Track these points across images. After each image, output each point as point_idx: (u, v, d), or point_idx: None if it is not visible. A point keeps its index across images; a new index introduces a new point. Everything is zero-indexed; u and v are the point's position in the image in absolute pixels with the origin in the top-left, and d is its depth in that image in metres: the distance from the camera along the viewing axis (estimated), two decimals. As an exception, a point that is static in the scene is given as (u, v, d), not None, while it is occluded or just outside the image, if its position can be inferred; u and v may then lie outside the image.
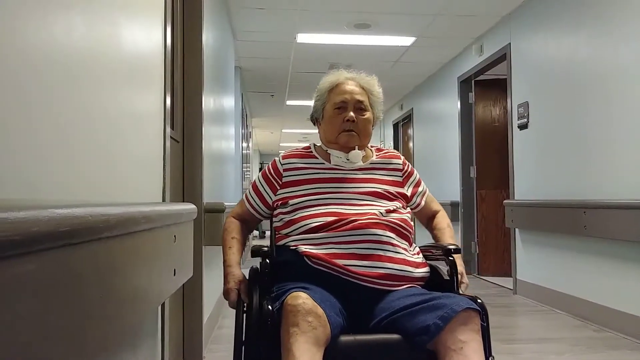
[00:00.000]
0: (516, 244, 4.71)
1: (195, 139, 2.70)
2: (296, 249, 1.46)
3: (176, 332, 2.47)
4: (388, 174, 1.66)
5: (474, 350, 1.19)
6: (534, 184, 4.39)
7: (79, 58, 0.98)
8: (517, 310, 4.15)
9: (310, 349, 1.15)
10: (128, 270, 0.99)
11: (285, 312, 1.21)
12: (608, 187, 3.40)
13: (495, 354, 2.85)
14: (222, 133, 4.17)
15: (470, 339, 1.20)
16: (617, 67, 3.32)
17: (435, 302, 1.26)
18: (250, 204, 1.71)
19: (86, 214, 0.72)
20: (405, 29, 5.19)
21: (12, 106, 0.72)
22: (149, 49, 1.61)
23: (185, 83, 2.71)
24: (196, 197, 2.61)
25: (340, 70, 1.71)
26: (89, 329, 0.76)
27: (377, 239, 1.45)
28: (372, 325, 1.34)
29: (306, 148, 1.73)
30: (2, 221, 0.50)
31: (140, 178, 1.50)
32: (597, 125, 3.53)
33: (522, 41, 4.59)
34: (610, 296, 3.40)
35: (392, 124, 9.25)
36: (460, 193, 5.88)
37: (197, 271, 2.57)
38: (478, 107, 5.84)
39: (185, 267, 1.60)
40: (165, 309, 1.71)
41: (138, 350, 1.43)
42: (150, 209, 1.11)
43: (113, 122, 1.22)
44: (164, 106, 1.82)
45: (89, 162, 1.05)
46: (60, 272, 0.66)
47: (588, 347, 3.02)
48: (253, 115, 10.34)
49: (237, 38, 5.43)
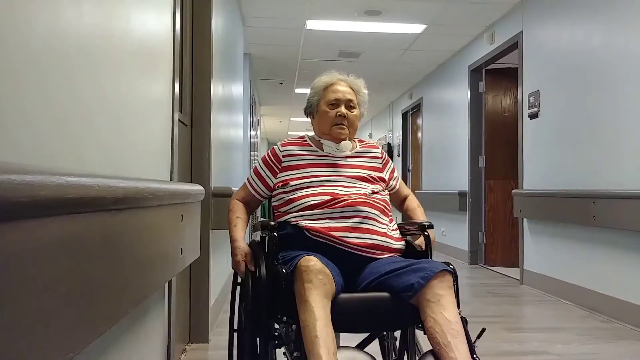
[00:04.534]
0: (524, 234, 4.68)
1: (204, 123, 2.71)
2: (297, 224, 1.68)
3: (183, 314, 2.49)
4: (370, 161, 1.92)
5: (449, 301, 1.45)
6: (543, 174, 4.36)
7: (91, 42, 0.98)
8: (524, 300, 4.14)
9: (322, 300, 1.40)
10: (135, 245, 0.99)
11: (300, 272, 1.43)
12: (618, 177, 3.37)
13: (502, 342, 2.88)
14: (231, 120, 4.17)
15: (446, 293, 1.46)
16: (629, 57, 3.28)
17: (417, 266, 1.52)
18: (252, 186, 1.90)
19: (94, 184, 0.73)
20: (416, 16, 5.15)
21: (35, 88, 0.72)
22: (158, 34, 1.61)
23: (194, 68, 2.71)
24: (204, 181, 2.62)
25: (333, 72, 1.97)
26: (96, 298, 0.77)
27: (365, 214, 1.69)
28: (362, 286, 1.58)
29: (301, 137, 1.98)
30: (9, 182, 0.51)
31: (149, 158, 1.51)
32: (608, 115, 3.49)
33: (534, 29, 4.54)
34: (618, 287, 3.38)
35: (400, 113, 9.20)
36: (469, 183, 5.85)
37: (204, 254, 2.59)
38: (488, 97, 5.79)
39: (192, 247, 1.61)
40: (172, 288, 1.72)
41: (145, 326, 1.44)
42: (158, 186, 1.12)
43: (123, 104, 1.22)
44: (172, 90, 1.82)
45: (100, 141, 1.05)
46: (67, 239, 0.67)
47: (595, 337, 3.01)
48: (262, 103, 10.33)
49: (247, 24, 5.42)
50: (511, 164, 5.23)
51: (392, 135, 10.05)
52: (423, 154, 7.84)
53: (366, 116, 12.34)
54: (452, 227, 6.46)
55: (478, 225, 5.80)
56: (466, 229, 5.94)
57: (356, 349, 1.49)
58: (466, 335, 1.42)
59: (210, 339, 2.78)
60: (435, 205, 6.98)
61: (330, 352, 1.32)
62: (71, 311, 0.68)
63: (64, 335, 0.65)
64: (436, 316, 1.42)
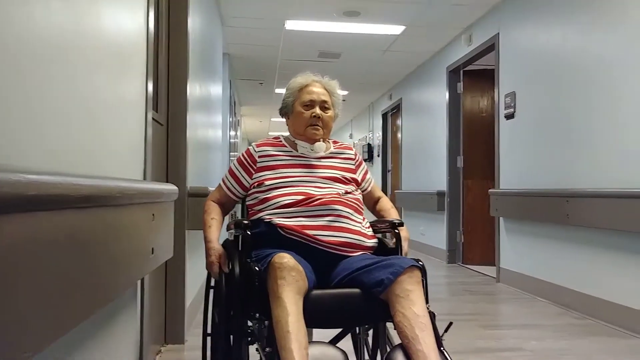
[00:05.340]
0: (500, 233, 4.75)
1: (180, 123, 2.69)
2: (270, 221, 1.69)
3: (158, 315, 2.47)
4: (343, 162, 1.94)
5: (417, 296, 1.49)
6: (519, 174, 4.42)
7: (61, 40, 0.97)
8: (500, 297, 4.19)
9: (295, 296, 1.42)
10: (103, 244, 0.99)
11: (273, 268, 1.45)
12: (591, 177, 3.43)
13: (478, 339, 2.92)
14: (209, 119, 4.15)
15: (414, 288, 1.50)
16: (602, 60, 3.35)
17: (387, 262, 1.56)
18: (228, 187, 1.91)
19: (56, 182, 0.72)
20: (395, 17, 5.18)
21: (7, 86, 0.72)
22: (131, 33, 1.60)
23: (170, 68, 2.69)
24: (180, 181, 2.60)
25: (308, 73, 1.99)
26: (58, 296, 0.76)
27: (338, 213, 1.72)
28: (334, 283, 1.61)
29: (276, 138, 1.99)
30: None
31: (122, 157, 1.50)
32: (582, 115, 3.56)
33: (510, 31, 4.61)
34: (591, 284, 3.45)
35: (380, 114, 9.25)
36: (447, 183, 5.91)
37: (180, 254, 2.57)
38: (466, 98, 5.86)
39: (164, 247, 1.60)
40: (144, 288, 1.71)
41: (116, 327, 1.43)
42: (126, 185, 1.11)
43: (96, 103, 1.21)
44: (145, 88, 1.81)
45: (68, 142, 1.04)
46: (27, 237, 0.66)
47: (569, 333, 3.07)
48: (242, 103, 10.29)
49: (226, 24, 5.40)
50: (489, 163, 5.30)
51: (373, 135, 10.09)
52: (402, 154, 7.89)
53: (347, 117, 12.32)
54: (430, 227, 6.52)
55: (456, 225, 5.86)
56: (444, 229, 6.00)
57: (327, 343, 1.52)
58: (434, 329, 1.46)
59: (187, 339, 2.77)
60: (414, 205, 7.03)
61: (301, 347, 1.34)
62: (30, 309, 0.67)
63: (21, 333, 0.64)
64: (405, 311, 1.45)
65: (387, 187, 9.04)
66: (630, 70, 3.10)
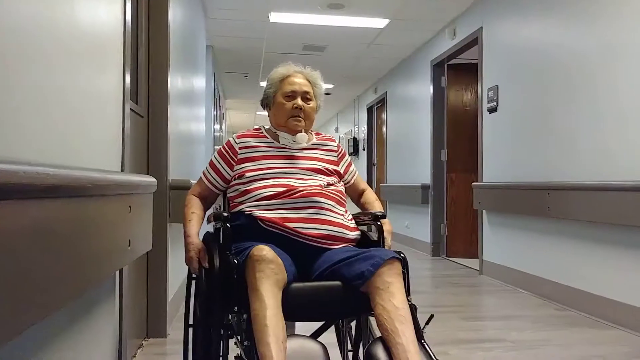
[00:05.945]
0: (483, 226, 4.78)
1: (161, 115, 2.67)
2: (251, 213, 1.67)
3: (139, 309, 2.45)
4: (325, 154, 1.91)
5: (397, 288, 1.48)
6: (502, 167, 4.45)
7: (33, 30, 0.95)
8: (483, 289, 4.23)
9: (273, 289, 1.41)
10: (74, 235, 0.97)
11: (252, 261, 1.43)
12: (571, 170, 3.47)
13: (459, 330, 2.94)
14: (192, 112, 4.11)
15: (394, 280, 1.48)
16: (581, 55, 3.37)
17: (367, 254, 1.54)
18: (209, 180, 1.88)
19: (19, 170, 0.70)
20: (378, 10, 5.17)
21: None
22: (107, 24, 1.58)
23: (151, 59, 2.66)
24: (161, 173, 2.58)
25: (290, 63, 1.95)
26: (24, 289, 0.74)
27: (320, 205, 1.69)
28: (315, 276, 1.60)
29: (257, 129, 1.96)
30: None
31: (101, 149, 1.48)
32: (563, 109, 3.59)
33: (493, 25, 4.62)
34: (572, 276, 3.49)
35: (366, 108, 9.26)
36: (431, 176, 5.93)
37: (161, 247, 2.55)
38: (450, 91, 5.88)
39: (142, 239, 1.59)
40: (123, 281, 1.69)
41: (93, 320, 1.41)
42: (98, 176, 1.09)
43: (74, 95, 1.18)
44: (123, 80, 1.78)
45: (44, 134, 1.02)
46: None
47: (549, 324, 3.10)
48: (227, 96, 10.22)
49: (209, 16, 5.34)
50: (472, 157, 5.32)
51: (358, 129, 10.10)
52: (387, 148, 7.91)
53: (333, 110, 12.28)
54: (415, 220, 6.55)
55: (440, 218, 5.90)
56: (428, 222, 6.03)
57: (306, 337, 1.51)
58: (415, 322, 1.45)
59: (169, 333, 2.75)
60: (399, 199, 7.05)
61: (279, 341, 1.33)
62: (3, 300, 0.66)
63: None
64: (385, 303, 1.44)
65: (372, 181, 9.06)
66: (607, 65, 3.12)
